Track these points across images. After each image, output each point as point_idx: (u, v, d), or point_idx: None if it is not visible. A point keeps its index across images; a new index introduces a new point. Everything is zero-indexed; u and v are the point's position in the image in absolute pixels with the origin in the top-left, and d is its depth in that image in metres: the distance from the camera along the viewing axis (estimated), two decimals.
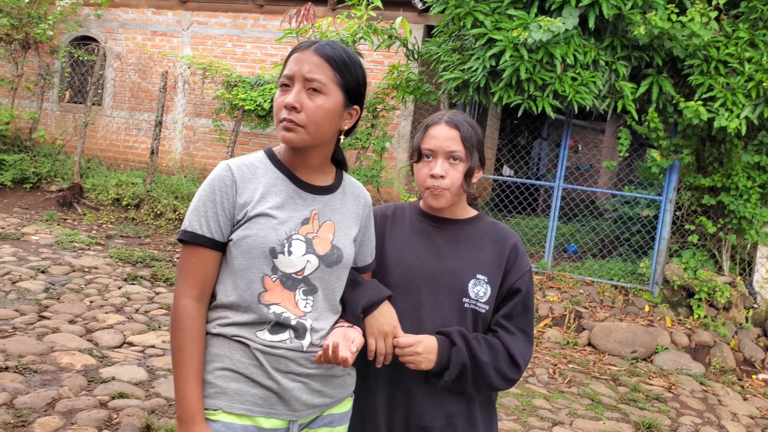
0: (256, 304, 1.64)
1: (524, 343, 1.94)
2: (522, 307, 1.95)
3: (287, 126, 1.64)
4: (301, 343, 1.66)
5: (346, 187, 1.84)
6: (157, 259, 7.95)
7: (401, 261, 1.94)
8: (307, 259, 1.68)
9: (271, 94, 9.20)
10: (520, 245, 2.01)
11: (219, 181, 1.66)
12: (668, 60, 7.04)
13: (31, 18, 11.04)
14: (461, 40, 7.43)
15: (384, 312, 1.81)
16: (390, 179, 9.13)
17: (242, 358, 1.65)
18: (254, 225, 1.64)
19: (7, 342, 4.57)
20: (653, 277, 7.55)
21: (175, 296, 1.65)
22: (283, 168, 1.74)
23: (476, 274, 1.92)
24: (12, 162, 10.78)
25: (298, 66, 1.65)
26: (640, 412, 5.18)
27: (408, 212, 2.05)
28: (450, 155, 1.90)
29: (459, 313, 1.90)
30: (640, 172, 8.81)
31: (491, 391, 1.95)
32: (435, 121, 1.95)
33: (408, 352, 1.79)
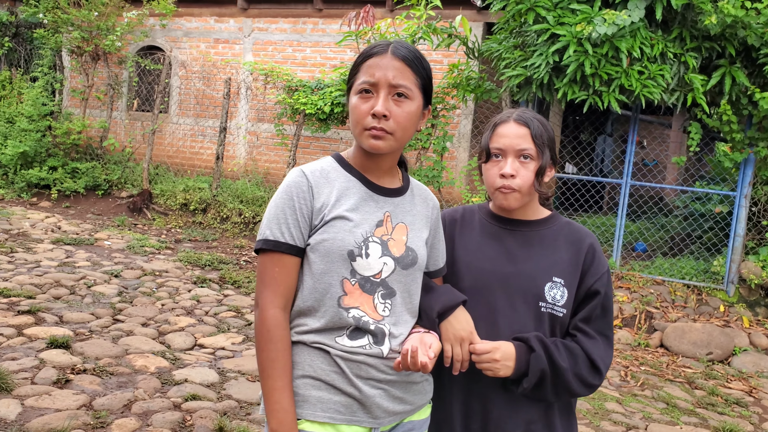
0: (335, 307, 1.63)
1: (604, 347, 1.87)
2: (601, 309, 1.88)
3: (376, 134, 1.63)
4: (380, 349, 1.65)
5: (414, 189, 1.83)
6: (225, 262, 8.10)
7: (473, 265, 1.90)
8: (383, 262, 1.66)
9: (332, 97, 9.26)
10: (596, 245, 1.94)
11: (296, 187, 1.66)
12: (742, 49, 6.76)
13: (100, 30, 11.42)
14: (523, 37, 7.31)
15: (460, 317, 1.77)
16: (451, 179, 9.06)
17: (323, 365, 1.64)
18: (331, 228, 1.64)
19: (85, 345, 4.72)
20: (728, 276, 7.26)
21: (261, 307, 1.63)
22: (354, 171, 1.73)
23: (552, 276, 1.86)
24: (84, 170, 11.17)
25: (382, 72, 1.62)
26: (719, 417, 4.98)
27: (477, 215, 2.01)
28: (520, 154, 1.85)
29: (536, 318, 1.84)
30: (712, 167, 8.50)
31: (571, 397, 1.89)
32: (503, 119, 1.90)
33: (485, 359, 1.75)
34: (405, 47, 1.67)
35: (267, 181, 11.51)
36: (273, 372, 1.60)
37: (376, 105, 1.61)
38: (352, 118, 1.67)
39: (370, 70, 1.64)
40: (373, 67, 1.63)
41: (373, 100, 1.63)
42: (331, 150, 11.48)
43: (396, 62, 1.63)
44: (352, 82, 1.68)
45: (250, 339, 5.42)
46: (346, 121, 9.75)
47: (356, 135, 1.67)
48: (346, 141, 11.32)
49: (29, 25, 13.50)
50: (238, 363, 4.82)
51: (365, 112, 1.63)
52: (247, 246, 9.24)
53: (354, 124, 1.66)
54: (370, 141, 1.64)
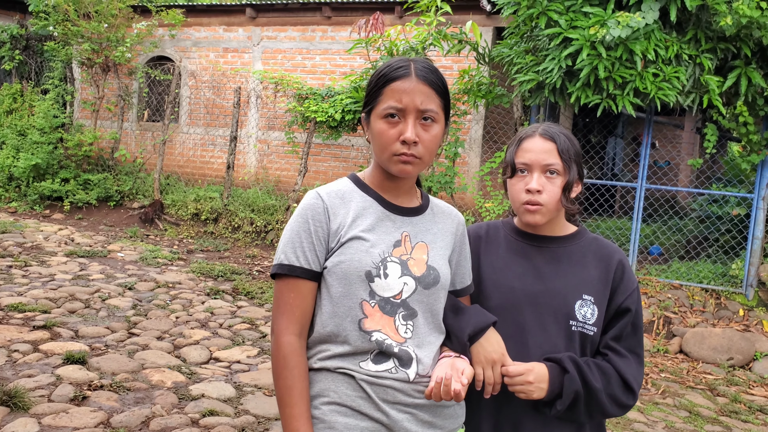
0: (357, 331, 1.60)
1: (636, 365, 1.84)
2: (632, 327, 1.85)
3: (406, 160, 1.61)
4: (406, 373, 1.61)
5: (434, 208, 1.80)
6: (237, 272, 8.07)
7: (501, 284, 1.85)
8: (404, 282, 1.63)
9: (343, 104, 9.23)
10: (626, 261, 1.90)
11: (311, 210, 1.64)
12: (757, 50, 6.67)
13: (110, 42, 11.45)
14: (534, 41, 7.25)
15: (491, 339, 1.72)
16: (464, 185, 9.01)
17: (348, 390, 1.60)
18: (348, 250, 1.61)
19: (101, 360, 4.70)
20: (747, 279, 7.17)
21: (276, 333, 1.62)
22: (371, 192, 1.71)
23: (582, 294, 1.82)
24: (96, 181, 11.20)
25: (410, 98, 1.60)
26: (743, 425, 4.90)
27: (502, 231, 1.96)
28: (546, 169, 1.81)
29: (566, 337, 1.80)
30: (728, 168, 8.41)
31: (604, 417, 1.85)
32: (529, 133, 1.86)
33: (519, 381, 1.70)
34: (428, 68, 1.64)
35: (278, 189, 11.50)
36: (290, 399, 1.58)
37: (406, 131, 1.59)
38: (378, 143, 1.63)
39: (396, 95, 1.60)
40: (399, 92, 1.60)
41: (401, 126, 1.60)
42: (342, 157, 11.46)
43: (422, 86, 1.61)
44: (374, 104, 1.65)
45: (266, 352, 5.38)
46: (357, 128, 9.72)
47: (383, 160, 1.64)
48: (358, 148, 11.29)
49: (39, 38, 13.56)
50: (254, 377, 4.78)
51: (393, 138, 1.61)
52: (260, 255, 9.22)
53: (381, 150, 1.63)
54: (399, 166, 1.62)
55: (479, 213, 8.64)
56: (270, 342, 5.62)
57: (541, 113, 8.06)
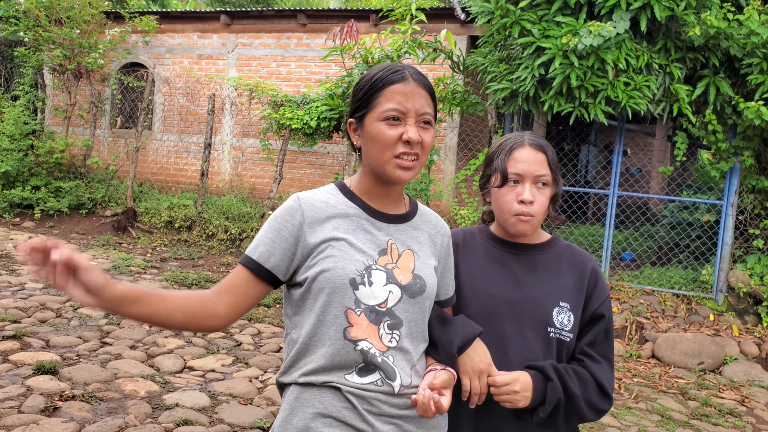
0: (342, 340, 1.58)
1: (609, 370, 1.87)
2: (604, 333, 1.88)
3: (406, 165, 1.61)
4: (391, 386, 1.61)
5: (422, 215, 1.79)
6: (212, 280, 8.01)
7: (480, 291, 1.86)
8: (389, 290, 1.62)
9: (318, 112, 9.23)
10: (598, 269, 1.93)
11: (288, 212, 1.65)
12: (725, 60, 6.82)
13: (83, 48, 11.34)
14: (508, 50, 7.33)
15: (478, 350, 1.73)
16: (439, 192, 9.05)
17: (334, 401, 1.59)
18: (330, 258, 1.59)
19: (73, 370, 4.63)
20: (717, 285, 7.29)
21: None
22: (356, 199, 1.69)
23: (559, 301, 1.85)
24: (68, 189, 11.05)
25: (411, 102, 1.60)
26: (713, 428, 4.97)
27: (479, 238, 1.97)
28: (538, 180, 1.83)
29: (545, 344, 1.82)
30: (698, 176, 8.55)
31: (581, 422, 1.87)
32: (518, 142, 1.86)
33: (505, 391, 1.71)
34: (420, 73, 1.67)
35: (253, 196, 11.44)
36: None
37: (408, 131, 1.59)
38: (377, 145, 1.61)
39: (396, 98, 1.60)
40: (401, 95, 1.60)
41: (403, 128, 1.60)
42: (317, 165, 11.45)
43: (420, 90, 1.62)
44: (371, 107, 1.63)
45: (240, 360, 5.35)
46: (333, 136, 9.72)
47: (381, 162, 1.62)
48: (333, 155, 11.29)
49: (9, 44, 13.39)
50: (229, 385, 4.74)
51: (394, 139, 1.60)
52: (234, 263, 9.15)
53: (380, 151, 1.61)
54: (397, 172, 1.61)
55: (454, 220, 8.68)
56: (245, 350, 5.59)
57: (515, 121, 8.13)
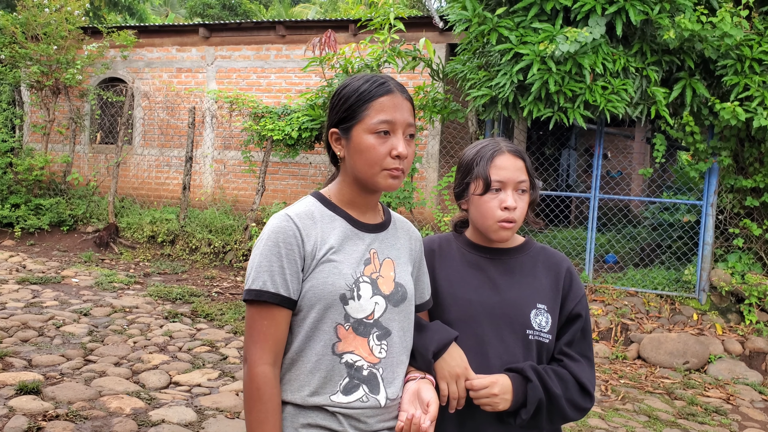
0: (329, 355, 1.58)
1: (589, 368, 1.89)
2: (581, 332, 1.90)
3: (396, 175, 1.62)
4: (377, 400, 1.61)
5: (396, 222, 1.80)
6: (196, 294, 7.97)
7: (458, 297, 1.87)
8: (375, 302, 1.62)
9: (299, 122, 9.23)
10: (573, 269, 1.96)
11: (282, 234, 1.59)
12: (700, 62, 6.91)
13: (60, 64, 11.26)
14: (486, 57, 7.38)
15: (453, 354, 1.74)
16: (422, 200, 9.07)
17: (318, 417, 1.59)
18: (320, 273, 1.59)
19: (56, 389, 4.58)
20: (699, 284, 7.35)
21: (250, 363, 1.56)
22: (338, 210, 1.69)
23: (536, 303, 1.86)
24: (48, 206, 10.95)
25: (400, 113, 1.62)
26: (700, 426, 5.00)
27: (455, 244, 1.98)
28: (518, 186, 1.85)
29: (524, 346, 1.83)
30: (677, 177, 8.64)
31: (564, 422, 1.88)
32: (497, 150, 1.87)
33: (484, 394, 1.72)
34: (401, 85, 1.69)
35: (236, 209, 11.40)
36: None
37: (398, 146, 1.61)
38: (366, 158, 1.61)
39: (386, 111, 1.61)
40: (390, 108, 1.62)
41: (392, 141, 1.61)
42: (300, 175, 11.43)
43: (406, 103, 1.65)
44: (359, 119, 1.62)
45: (227, 374, 5.32)
46: (315, 146, 9.71)
47: (370, 174, 1.62)
48: (316, 165, 11.28)
49: None
50: (216, 400, 4.71)
51: (385, 153, 1.61)
52: (218, 276, 9.12)
53: (370, 165, 1.62)
54: (388, 181, 1.62)
55: (438, 227, 8.70)
56: (231, 363, 5.56)
57: (496, 127, 8.18)
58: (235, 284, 8.78)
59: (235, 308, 7.39)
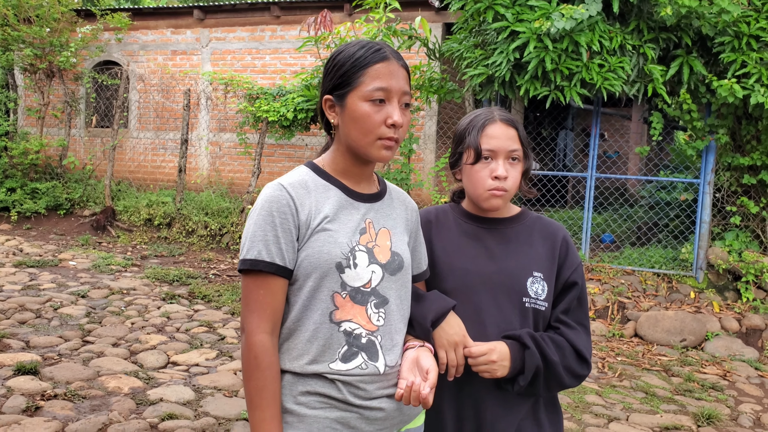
0: (327, 323, 1.57)
1: (585, 336, 1.89)
2: (578, 300, 1.90)
3: (389, 145, 1.60)
4: (376, 367, 1.60)
5: (392, 193, 1.79)
6: (193, 276, 7.96)
7: (455, 266, 1.87)
8: (372, 270, 1.62)
9: (295, 103, 9.18)
10: (569, 238, 1.96)
11: (276, 203, 1.57)
12: (697, 39, 6.87)
13: (54, 47, 11.18)
14: (483, 35, 7.33)
15: (452, 322, 1.75)
16: (420, 181, 9.05)
17: (317, 384, 1.58)
18: (315, 242, 1.57)
19: (54, 369, 4.58)
20: (696, 263, 7.37)
21: (248, 332, 1.55)
22: (332, 180, 1.67)
23: (532, 272, 1.87)
24: (45, 190, 10.92)
25: (396, 81, 1.59)
26: (697, 402, 5.03)
27: (451, 215, 1.98)
28: (510, 155, 1.84)
29: (521, 314, 1.83)
30: (674, 156, 8.62)
31: (561, 389, 1.89)
32: (489, 118, 1.87)
33: (482, 361, 1.73)
34: (397, 52, 1.65)
35: (231, 191, 11.38)
36: (261, 401, 1.53)
37: (393, 115, 1.58)
38: (361, 126, 1.59)
39: (382, 78, 1.58)
40: (386, 75, 1.58)
41: (387, 109, 1.58)
42: (296, 157, 11.40)
43: (402, 70, 1.61)
44: (354, 86, 1.59)
45: (224, 354, 5.33)
46: (311, 127, 9.67)
47: (364, 143, 1.60)
48: (312, 147, 11.25)
49: None
50: (214, 379, 4.72)
51: (380, 122, 1.58)
52: (215, 259, 9.11)
53: (364, 133, 1.59)
54: (382, 152, 1.60)
55: None
56: (228, 344, 5.56)
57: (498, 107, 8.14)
58: (232, 266, 8.78)
59: (232, 290, 7.40)
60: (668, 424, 4.52)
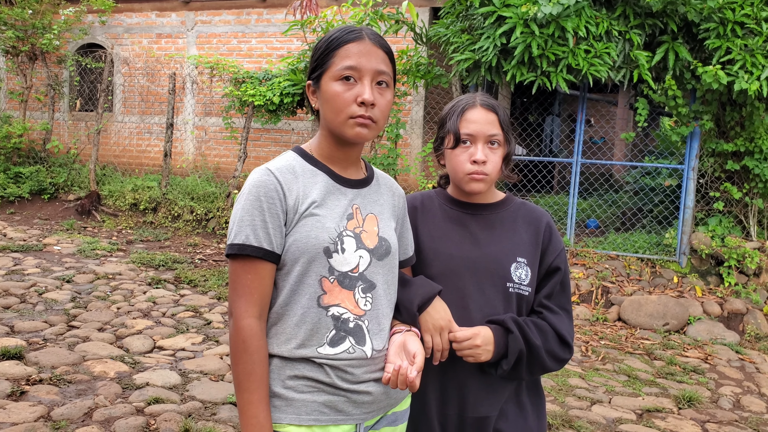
0: (315, 308, 1.58)
1: (567, 320, 1.92)
2: (561, 285, 1.93)
3: (363, 122, 1.58)
4: (363, 351, 1.61)
5: (379, 179, 1.80)
6: (179, 261, 7.95)
7: (440, 252, 1.89)
8: (359, 255, 1.62)
9: (281, 87, 9.13)
10: (552, 224, 1.98)
11: (263, 187, 1.57)
12: (683, 25, 6.90)
13: (36, 29, 11.03)
14: (470, 20, 7.32)
15: (437, 307, 1.77)
16: (406, 166, 9.05)
17: (305, 369, 1.59)
18: (303, 227, 1.58)
19: (39, 354, 4.57)
20: (680, 248, 7.44)
21: (235, 316, 1.55)
22: (319, 165, 1.67)
23: (516, 257, 1.89)
24: (28, 174, 10.82)
25: (366, 59, 1.58)
26: (678, 385, 5.10)
27: (436, 200, 2.00)
28: (489, 139, 1.85)
29: (504, 299, 1.85)
30: (659, 141, 8.68)
31: (543, 373, 1.92)
32: (469, 103, 1.88)
33: (467, 346, 1.75)
34: (378, 35, 1.63)
35: (218, 176, 11.33)
36: (249, 385, 1.53)
37: (363, 93, 1.56)
38: (332, 106, 1.59)
39: (352, 57, 1.58)
40: (356, 54, 1.58)
41: (358, 88, 1.58)
42: (283, 142, 11.36)
43: (377, 50, 1.60)
44: (326, 67, 1.61)
45: (210, 338, 5.33)
46: (297, 112, 9.64)
47: (337, 123, 1.60)
48: (298, 132, 11.21)
49: None
50: (200, 363, 4.73)
51: (349, 100, 1.57)
52: (201, 244, 9.09)
53: (335, 113, 1.59)
54: (355, 129, 1.59)
55: None
56: (215, 328, 5.57)
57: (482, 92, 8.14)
58: (218, 251, 8.76)
59: (218, 275, 7.39)
60: (650, 406, 4.59)
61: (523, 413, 1.92)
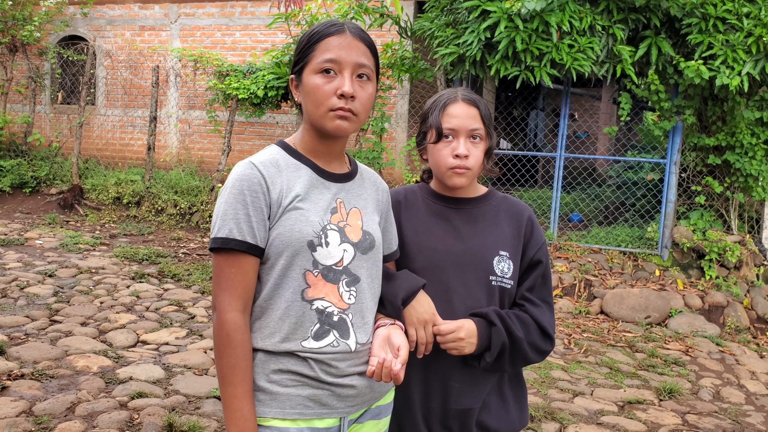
0: (299, 302, 1.58)
1: (549, 313, 1.94)
2: (542, 278, 1.95)
3: (343, 115, 1.58)
4: (347, 344, 1.62)
5: (363, 173, 1.80)
6: (163, 255, 7.91)
7: (424, 246, 1.90)
8: (343, 249, 1.63)
9: (265, 81, 9.10)
10: (534, 218, 2.00)
11: (247, 181, 1.57)
12: (665, 21, 6.94)
13: (16, 20, 10.91)
14: (454, 14, 7.33)
15: (421, 301, 1.78)
16: (391, 160, 9.06)
17: (289, 363, 1.60)
18: (287, 221, 1.58)
19: (21, 349, 4.54)
20: (662, 241, 7.51)
21: (219, 310, 1.55)
22: (303, 158, 1.68)
23: (498, 250, 1.90)
24: (9, 167, 10.71)
25: (347, 52, 1.59)
26: (659, 377, 5.16)
27: (420, 195, 2.01)
28: (471, 134, 1.86)
29: (487, 292, 1.87)
30: (642, 136, 8.74)
31: (526, 365, 1.94)
32: (451, 98, 1.89)
33: (451, 339, 1.76)
34: (360, 28, 1.64)
35: (201, 170, 11.27)
36: (233, 379, 1.53)
37: (343, 85, 1.57)
38: (312, 99, 1.60)
39: (332, 50, 1.59)
40: (336, 47, 1.59)
41: (338, 81, 1.58)
42: (267, 135, 11.32)
43: (358, 43, 1.61)
44: (307, 60, 1.62)
45: (194, 333, 5.32)
46: (282, 105, 9.61)
47: (318, 116, 1.61)
48: (283, 125, 11.18)
49: None
50: (184, 357, 4.72)
51: (329, 93, 1.58)
52: (185, 237, 9.05)
53: (316, 105, 1.60)
54: (336, 122, 1.59)
55: None
56: (198, 322, 5.56)
57: (464, 87, 8.16)
58: (201, 245, 8.73)
59: (202, 269, 7.36)
60: (631, 398, 4.64)
61: (506, 405, 1.94)
